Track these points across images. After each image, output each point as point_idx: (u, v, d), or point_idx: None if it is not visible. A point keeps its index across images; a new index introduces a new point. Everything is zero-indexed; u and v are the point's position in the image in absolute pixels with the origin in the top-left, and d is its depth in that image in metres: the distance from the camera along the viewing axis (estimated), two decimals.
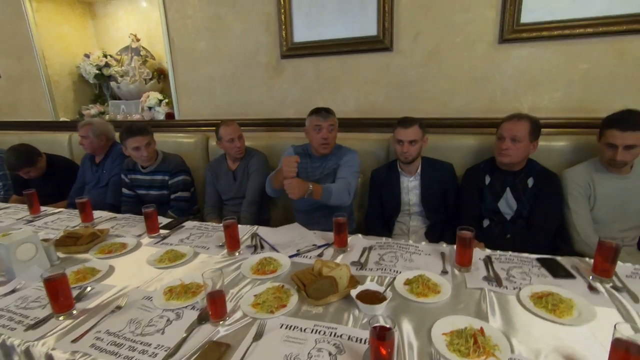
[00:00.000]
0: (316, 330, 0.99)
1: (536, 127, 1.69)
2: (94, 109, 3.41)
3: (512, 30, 1.95)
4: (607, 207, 1.67)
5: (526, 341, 0.93)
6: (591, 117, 1.94)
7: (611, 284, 1.16)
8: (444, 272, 1.28)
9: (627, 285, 1.15)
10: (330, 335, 0.97)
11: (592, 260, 1.26)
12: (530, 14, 1.92)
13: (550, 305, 1.04)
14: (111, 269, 1.40)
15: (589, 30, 1.85)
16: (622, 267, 1.26)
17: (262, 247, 1.56)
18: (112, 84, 3.35)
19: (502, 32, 1.98)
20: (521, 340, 0.93)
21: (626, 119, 1.53)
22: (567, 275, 1.23)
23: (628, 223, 1.68)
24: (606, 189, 1.66)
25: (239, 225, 1.58)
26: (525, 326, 0.99)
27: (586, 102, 1.96)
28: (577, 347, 0.90)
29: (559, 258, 1.34)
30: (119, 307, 1.14)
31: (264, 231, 1.71)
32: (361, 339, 0.95)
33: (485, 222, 1.83)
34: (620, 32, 1.81)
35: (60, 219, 1.99)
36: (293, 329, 1.00)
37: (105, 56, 3.35)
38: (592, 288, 1.15)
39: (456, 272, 1.29)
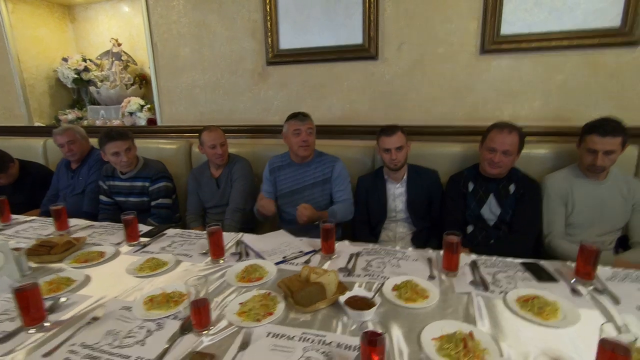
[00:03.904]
0: (304, 338, 0.97)
1: (523, 138, 1.72)
2: (71, 114, 3.29)
3: (493, 41, 2.02)
4: (585, 212, 1.72)
5: (514, 344, 0.93)
6: (568, 125, 2.01)
7: (593, 287, 1.19)
8: (432, 277, 1.28)
9: (607, 287, 1.18)
10: (319, 343, 0.95)
11: (573, 264, 1.29)
12: (509, 26, 1.99)
13: (536, 309, 1.05)
14: (87, 279, 1.33)
15: (565, 42, 1.93)
16: (602, 271, 1.28)
17: (247, 254, 1.52)
18: (92, 88, 3.25)
19: (483, 43, 2.04)
20: (510, 344, 0.93)
21: (606, 125, 1.59)
22: (551, 278, 1.25)
23: (605, 228, 1.73)
24: (584, 194, 1.71)
25: (223, 233, 1.54)
26: (512, 329, 0.99)
27: (563, 111, 2.04)
28: (564, 349, 0.91)
29: (542, 262, 1.37)
30: (95, 319, 1.08)
31: (249, 238, 1.67)
32: (350, 346, 0.93)
33: (470, 228, 1.85)
34: (593, 45, 1.90)
35: (33, 227, 1.89)
36: (280, 338, 0.97)
37: (84, 60, 3.26)
38: (574, 291, 1.17)
39: (443, 277, 1.29)
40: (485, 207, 1.80)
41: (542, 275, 1.26)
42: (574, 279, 1.23)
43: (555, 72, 2.00)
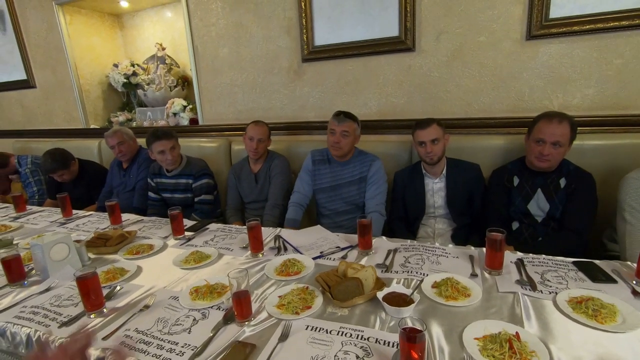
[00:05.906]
0: (342, 333, 0.97)
1: (575, 128, 1.60)
2: (121, 117, 3.53)
3: (540, 26, 1.89)
4: None
5: (566, 348, 0.87)
6: (627, 114, 1.85)
7: None
8: (474, 275, 1.23)
9: None
10: (357, 337, 0.95)
11: (634, 265, 1.19)
12: (559, 9, 1.86)
13: (590, 311, 0.98)
14: (139, 270, 1.43)
15: (624, 23, 1.76)
16: None
17: (285, 249, 1.55)
18: (139, 91, 3.46)
19: (529, 29, 1.92)
20: (560, 347, 0.88)
21: None
22: (608, 279, 1.16)
23: None
24: None
25: (262, 228, 1.58)
26: (564, 332, 0.93)
27: (621, 98, 1.87)
28: (623, 355, 0.84)
29: (597, 262, 1.27)
30: (147, 306, 1.15)
31: (286, 233, 1.71)
32: (389, 342, 0.92)
33: (515, 225, 1.76)
34: None
35: (91, 222, 2.05)
36: (319, 331, 0.99)
37: (132, 65, 3.48)
38: (636, 293, 1.08)
39: (486, 275, 1.24)
40: (532, 203, 1.70)
41: (598, 276, 1.17)
42: (635, 281, 1.14)
43: (613, 56, 1.84)
